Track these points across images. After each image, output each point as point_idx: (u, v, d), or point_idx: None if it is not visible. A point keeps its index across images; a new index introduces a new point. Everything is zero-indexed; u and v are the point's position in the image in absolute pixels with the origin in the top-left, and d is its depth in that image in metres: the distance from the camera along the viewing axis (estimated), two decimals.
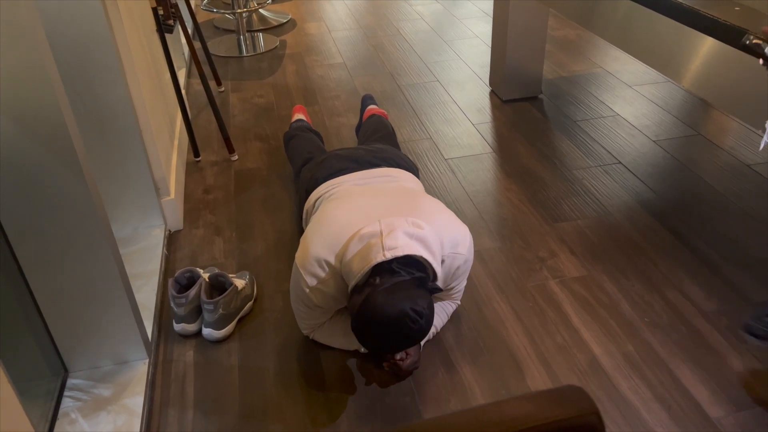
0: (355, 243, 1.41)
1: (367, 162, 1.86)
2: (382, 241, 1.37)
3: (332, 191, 1.76)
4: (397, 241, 1.37)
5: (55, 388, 1.50)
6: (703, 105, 2.81)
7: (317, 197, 1.80)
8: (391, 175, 1.81)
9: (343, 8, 4.25)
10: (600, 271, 1.89)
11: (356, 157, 1.88)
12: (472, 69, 3.26)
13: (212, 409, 1.53)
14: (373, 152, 1.91)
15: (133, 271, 1.88)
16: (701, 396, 1.51)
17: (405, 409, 1.51)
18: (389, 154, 1.91)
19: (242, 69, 3.38)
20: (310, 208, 1.82)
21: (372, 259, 1.35)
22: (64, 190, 1.31)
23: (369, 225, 1.43)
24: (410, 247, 1.37)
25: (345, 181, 1.79)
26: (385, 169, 1.84)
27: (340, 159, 1.88)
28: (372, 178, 1.80)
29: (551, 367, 1.60)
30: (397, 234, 1.38)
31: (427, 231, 1.43)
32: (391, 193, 1.61)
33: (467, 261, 1.55)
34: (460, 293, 1.68)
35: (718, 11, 1.55)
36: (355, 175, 1.81)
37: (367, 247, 1.38)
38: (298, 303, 1.55)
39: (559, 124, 2.69)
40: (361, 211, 1.51)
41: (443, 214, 1.54)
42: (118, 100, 1.80)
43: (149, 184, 1.97)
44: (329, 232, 1.48)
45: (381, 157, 1.89)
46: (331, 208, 1.57)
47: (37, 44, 1.16)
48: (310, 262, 1.46)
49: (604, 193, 2.24)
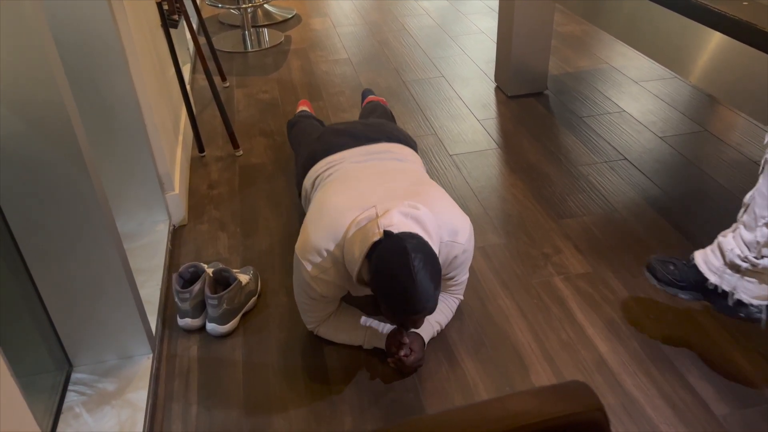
0: (353, 230, 1.41)
1: (365, 137, 1.84)
2: (377, 222, 1.37)
3: (331, 171, 1.74)
4: (392, 219, 1.36)
5: (60, 382, 1.51)
6: (710, 101, 2.79)
7: (315, 176, 1.78)
8: (389, 150, 1.79)
9: (348, 4, 4.24)
10: (605, 268, 1.89)
11: (354, 131, 1.85)
12: (477, 65, 3.25)
13: (216, 404, 1.53)
14: (371, 126, 1.90)
15: (137, 265, 1.88)
16: (706, 393, 1.50)
17: (408, 404, 1.51)
18: (387, 128, 1.90)
19: (247, 64, 3.37)
20: (309, 187, 1.80)
21: (369, 239, 1.35)
22: (68, 185, 1.31)
23: (365, 211, 1.43)
24: (406, 225, 1.36)
25: (343, 158, 1.76)
26: (383, 145, 1.81)
27: (338, 133, 1.86)
28: (370, 154, 1.77)
29: (555, 364, 1.59)
30: (392, 213, 1.38)
31: (423, 211, 1.42)
32: (390, 177, 1.60)
33: (466, 251, 1.53)
34: (462, 286, 1.67)
35: (727, 6, 1.54)
36: (353, 151, 1.78)
37: (364, 230, 1.38)
38: (301, 294, 1.55)
39: (565, 120, 2.68)
40: (361, 197, 1.50)
41: (443, 201, 1.53)
42: (123, 95, 1.80)
43: (154, 179, 1.97)
44: (329, 220, 1.47)
45: (379, 130, 1.87)
46: (329, 194, 1.56)
47: (42, 40, 1.16)
48: (310, 252, 1.46)
49: (610, 190, 2.23)
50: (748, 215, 1.43)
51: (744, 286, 1.47)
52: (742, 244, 1.44)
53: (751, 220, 1.41)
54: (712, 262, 1.52)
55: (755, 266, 1.43)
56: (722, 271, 1.49)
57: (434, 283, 1.33)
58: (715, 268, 1.51)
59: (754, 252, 1.42)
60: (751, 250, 1.42)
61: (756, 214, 1.40)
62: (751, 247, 1.42)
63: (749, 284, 1.47)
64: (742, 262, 1.44)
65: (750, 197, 1.42)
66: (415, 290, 1.30)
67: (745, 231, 1.43)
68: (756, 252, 1.42)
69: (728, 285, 1.49)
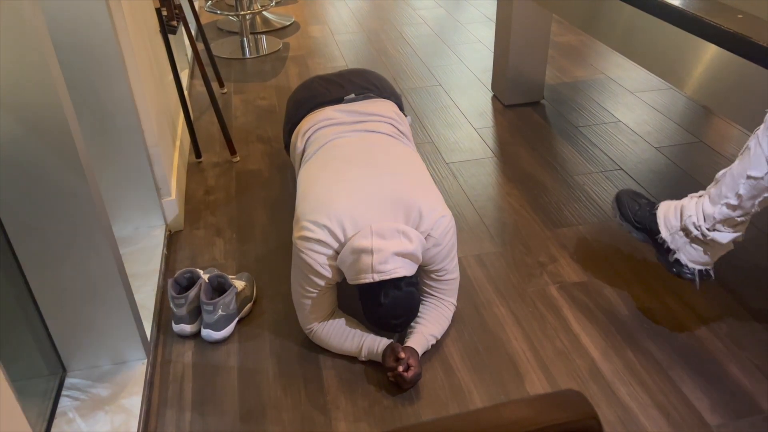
0: (348, 254, 1.48)
1: (352, 84, 1.88)
2: (372, 263, 1.45)
3: (318, 137, 1.77)
4: (386, 265, 1.45)
5: (53, 387, 1.50)
6: (705, 112, 2.81)
7: (304, 139, 1.82)
8: (377, 112, 1.82)
9: (346, 11, 4.26)
10: (600, 277, 1.89)
11: (341, 80, 1.90)
12: (474, 74, 3.27)
13: (210, 411, 1.52)
14: (359, 74, 1.95)
15: (132, 270, 1.88)
16: (700, 403, 1.50)
17: (403, 412, 1.51)
18: (373, 76, 1.95)
19: (245, 71, 3.38)
20: (297, 148, 1.84)
21: (362, 278, 1.47)
22: (65, 189, 1.31)
23: (360, 232, 1.48)
24: (396, 270, 1.46)
25: (330, 119, 1.80)
26: (371, 102, 1.84)
27: (325, 81, 1.91)
28: (358, 116, 1.80)
29: (550, 372, 1.59)
30: (387, 257, 1.45)
31: (415, 245, 1.49)
32: (381, 165, 1.63)
33: (438, 245, 1.57)
34: (451, 285, 1.68)
35: (721, 19, 1.55)
36: (341, 110, 1.82)
37: (360, 263, 1.46)
38: (300, 285, 1.57)
39: (561, 130, 2.69)
40: (353, 190, 1.54)
41: (427, 198, 1.57)
42: (121, 99, 1.80)
43: (150, 184, 1.97)
44: (322, 210, 1.52)
45: (366, 79, 1.91)
46: (320, 180, 1.60)
47: (40, 44, 1.17)
48: (307, 240, 1.51)
49: (605, 199, 2.24)
50: (715, 189, 1.50)
51: (687, 250, 1.58)
52: (701, 214, 1.52)
53: (716, 195, 1.50)
54: (670, 220, 1.60)
55: (705, 236, 1.53)
56: (675, 231, 1.59)
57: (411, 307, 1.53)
58: (671, 226, 1.60)
59: (709, 224, 1.51)
60: (707, 221, 1.51)
61: (722, 192, 1.48)
62: (707, 219, 1.51)
63: (693, 250, 1.57)
64: (695, 230, 1.54)
65: (721, 174, 1.50)
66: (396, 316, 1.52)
67: (707, 203, 1.52)
68: (710, 225, 1.51)
69: (674, 245, 1.59)
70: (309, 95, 1.87)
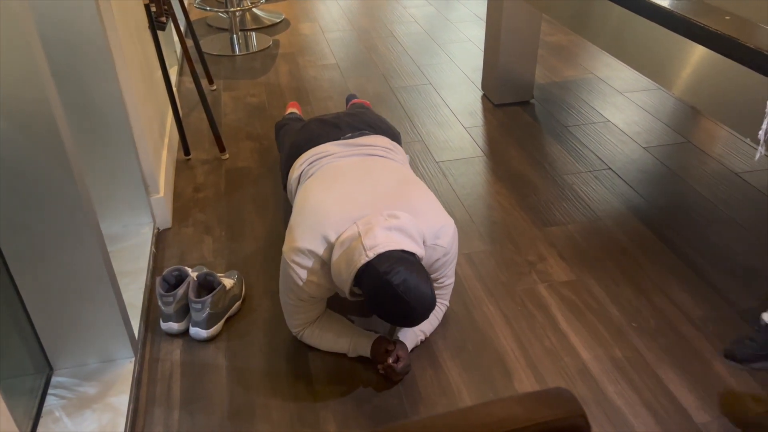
0: (338, 249, 1.43)
1: (348, 125, 1.86)
2: (362, 242, 1.39)
3: (315, 165, 1.75)
4: (376, 239, 1.39)
5: (40, 385, 1.49)
6: (693, 113, 2.83)
7: (300, 171, 1.79)
8: (373, 143, 1.80)
9: (336, 9, 4.25)
10: (589, 276, 1.90)
11: (337, 122, 1.88)
12: (464, 72, 3.27)
13: (198, 409, 1.52)
14: (355, 115, 1.92)
15: (120, 268, 1.87)
16: (687, 401, 1.51)
17: (392, 410, 1.51)
18: (369, 117, 1.92)
19: (235, 68, 3.37)
20: (294, 183, 1.81)
21: (357, 261, 1.38)
22: (52, 186, 1.30)
23: (347, 229, 1.44)
24: (390, 242, 1.39)
25: (327, 152, 1.77)
26: (367, 137, 1.83)
27: (321, 123, 1.89)
28: (354, 147, 1.78)
29: (539, 371, 1.60)
30: (375, 231, 1.40)
31: (402, 219, 1.44)
32: (376, 176, 1.61)
33: (447, 254, 1.55)
34: (448, 290, 1.68)
35: (709, 20, 1.56)
36: (338, 144, 1.80)
37: (350, 250, 1.40)
38: (288, 296, 1.55)
39: (551, 129, 2.70)
40: (347, 197, 1.51)
41: (427, 203, 1.55)
42: (109, 96, 1.79)
43: (138, 182, 1.96)
44: (314, 222, 1.48)
45: (362, 120, 1.89)
46: (315, 192, 1.57)
47: (28, 40, 1.15)
48: (297, 254, 1.47)
49: (594, 199, 2.25)
50: None
51: None
52: None
53: None
54: None
55: None
56: None
57: (429, 291, 1.37)
58: None
59: None
60: None
61: None
62: None
63: None
64: None
65: None
66: (412, 310, 1.36)
67: None
68: None
69: None
70: (306, 137, 1.85)
